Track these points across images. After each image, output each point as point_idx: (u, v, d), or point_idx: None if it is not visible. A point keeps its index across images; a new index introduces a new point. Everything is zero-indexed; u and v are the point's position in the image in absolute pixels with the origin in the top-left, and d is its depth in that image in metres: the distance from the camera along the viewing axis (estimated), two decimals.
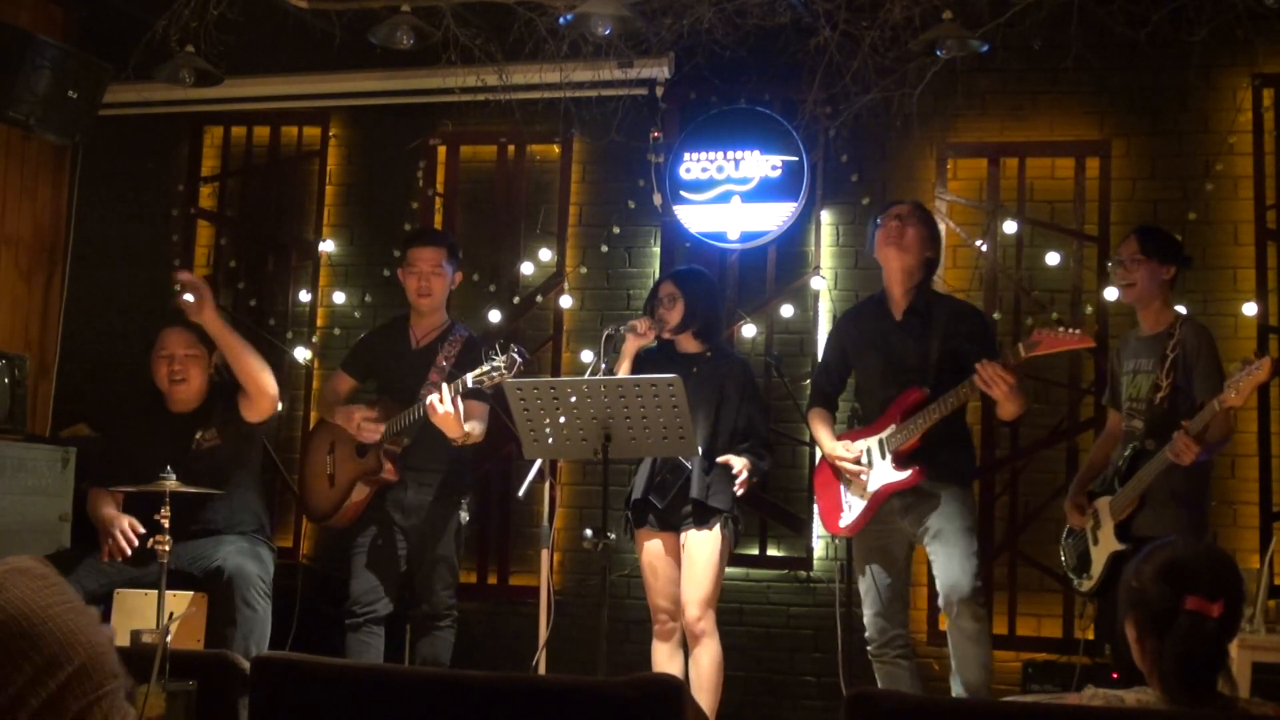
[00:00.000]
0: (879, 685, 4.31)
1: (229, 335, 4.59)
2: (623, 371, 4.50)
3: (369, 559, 4.73)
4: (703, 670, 4.45)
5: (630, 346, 4.54)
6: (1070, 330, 4.09)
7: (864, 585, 4.39)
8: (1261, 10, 4.79)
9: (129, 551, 4.46)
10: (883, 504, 4.29)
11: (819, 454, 4.62)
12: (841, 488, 4.42)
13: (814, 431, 4.59)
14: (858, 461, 4.32)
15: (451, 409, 4.38)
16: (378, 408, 4.77)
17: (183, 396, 4.71)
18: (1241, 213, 5.28)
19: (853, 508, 4.36)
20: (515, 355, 4.21)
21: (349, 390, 5.01)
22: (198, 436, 4.66)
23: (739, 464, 4.41)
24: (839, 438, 4.46)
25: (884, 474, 4.28)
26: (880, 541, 4.36)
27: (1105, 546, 4.23)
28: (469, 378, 4.33)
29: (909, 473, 4.23)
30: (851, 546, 4.47)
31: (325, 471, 4.88)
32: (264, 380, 4.62)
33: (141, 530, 4.42)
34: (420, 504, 4.72)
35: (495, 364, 4.24)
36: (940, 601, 4.29)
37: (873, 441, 4.33)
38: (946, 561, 4.21)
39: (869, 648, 4.39)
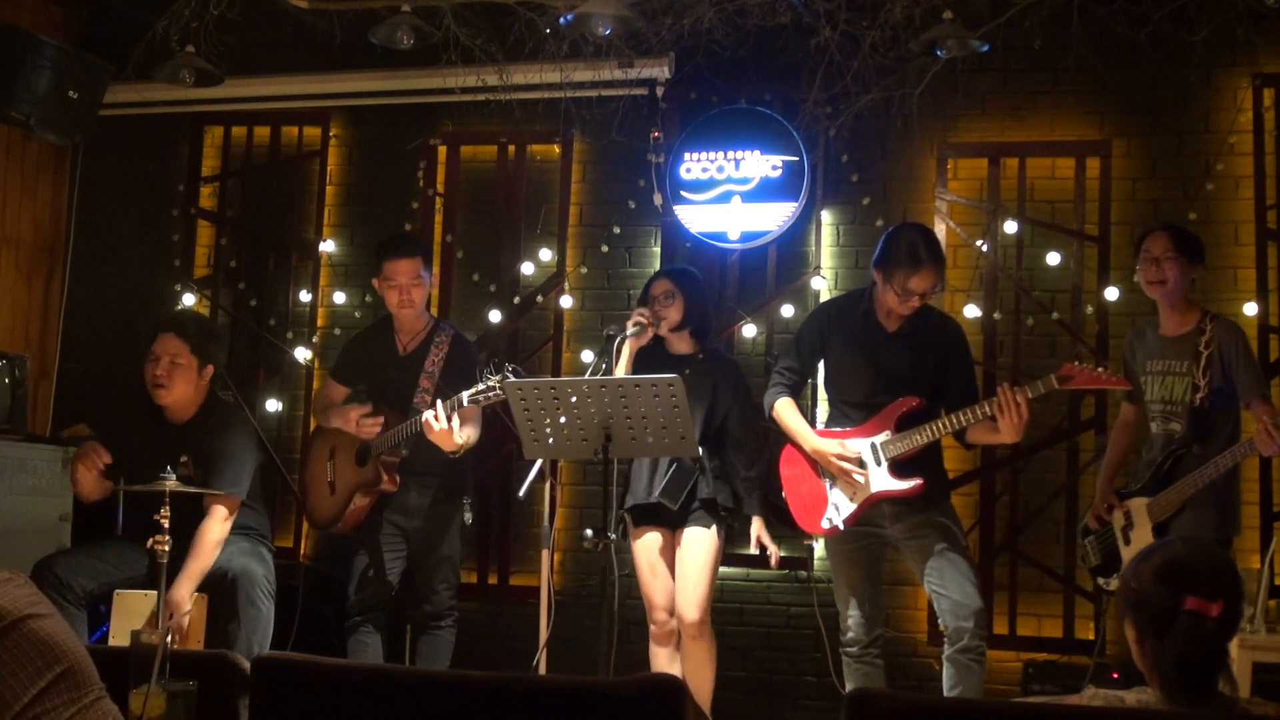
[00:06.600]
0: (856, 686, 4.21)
1: (196, 570, 4.38)
2: (620, 372, 4.44)
3: (368, 562, 4.74)
4: (701, 668, 4.45)
5: (631, 347, 4.49)
6: (1106, 371, 4.06)
7: (846, 585, 4.28)
8: (1262, 10, 4.80)
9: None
10: (871, 507, 4.20)
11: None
12: (827, 485, 4.28)
13: (789, 423, 4.37)
14: (857, 462, 4.20)
15: (447, 425, 4.38)
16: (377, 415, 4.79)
17: (168, 404, 4.63)
18: (1242, 213, 5.28)
19: (840, 509, 4.22)
20: (510, 374, 4.15)
21: (342, 397, 5.01)
22: (182, 460, 4.54)
23: (771, 548, 4.62)
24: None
25: (882, 480, 4.16)
26: (866, 542, 4.27)
27: (1139, 547, 4.19)
28: (464, 397, 4.33)
29: (913, 483, 4.12)
30: (828, 546, 4.41)
31: (326, 479, 4.89)
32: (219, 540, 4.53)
33: (109, 460, 4.48)
34: (421, 506, 4.73)
35: (490, 384, 4.24)
36: (945, 626, 4.17)
37: (864, 444, 4.20)
38: (957, 582, 4.10)
39: (851, 649, 4.28)
